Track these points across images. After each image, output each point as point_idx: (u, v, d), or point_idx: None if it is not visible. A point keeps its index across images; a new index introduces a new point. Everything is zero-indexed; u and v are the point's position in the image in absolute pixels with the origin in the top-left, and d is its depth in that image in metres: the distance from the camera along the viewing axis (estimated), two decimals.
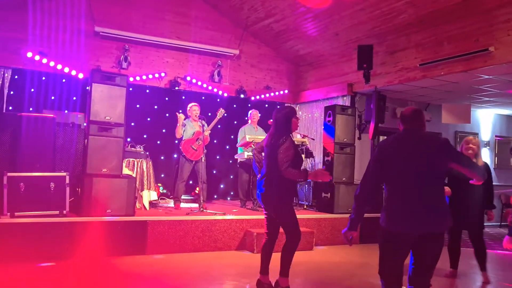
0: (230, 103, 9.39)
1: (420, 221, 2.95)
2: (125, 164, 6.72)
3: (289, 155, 4.00)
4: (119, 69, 8.09)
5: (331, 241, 7.10)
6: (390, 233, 3.03)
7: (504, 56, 6.24)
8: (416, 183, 3.00)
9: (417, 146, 3.09)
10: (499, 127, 11.16)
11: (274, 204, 4.15)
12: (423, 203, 2.97)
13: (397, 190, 3.07)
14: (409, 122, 3.20)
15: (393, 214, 3.04)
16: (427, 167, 3.02)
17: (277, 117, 4.23)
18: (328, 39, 8.57)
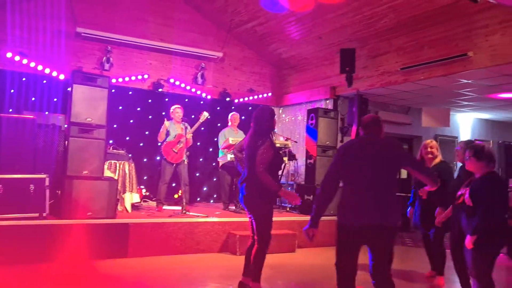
0: (213, 106, 9.38)
1: (366, 214, 3.17)
2: (106, 166, 6.65)
3: (267, 157, 3.99)
4: (101, 70, 8.02)
5: (313, 243, 7.11)
6: (341, 226, 3.29)
7: (483, 61, 6.38)
8: (368, 182, 3.24)
9: (373, 149, 3.34)
10: (478, 131, 11.38)
11: (255, 205, 4.12)
12: (372, 199, 3.20)
13: (351, 188, 3.31)
14: (367, 128, 3.46)
15: (344, 208, 3.29)
16: (380, 168, 3.25)
17: (256, 118, 4.21)
18: (311, 43, 8.64)
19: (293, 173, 9.30)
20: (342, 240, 3.29)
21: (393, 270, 3.27)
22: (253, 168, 4.06)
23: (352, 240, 3.24)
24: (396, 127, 9.87)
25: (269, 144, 4.07)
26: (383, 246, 3.23)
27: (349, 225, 3.23)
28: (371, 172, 3.26)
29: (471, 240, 3.55)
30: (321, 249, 6.90)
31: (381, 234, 3.19)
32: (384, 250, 3.24)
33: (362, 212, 3.20)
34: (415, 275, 5.67)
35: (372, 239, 3.21)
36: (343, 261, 3.28)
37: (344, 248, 3.29)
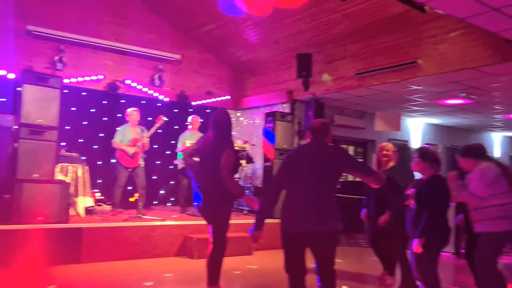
0: (171, 108, 9.28)
1: (305, 221, 3.24)
2: (58, 169, 6.45)
3: (231, 160, 3.99)
4: (53, 70, 7.76)
5: (270, 246, 7.16)
6: (283, 231, 3.32)
7: (431, 68, 6.68)
8: (309, 188, 3.28)
9: (317, 156, 3.37)
10: (428, 135, 11.87)
11: (215, 209, 4.08)
12: (312, 205, 3.25)
13: (293, 194, 3.33)
14: (315, 133, 3.50)
15: (286, 214, 3.33)
16: (321, 174, 3.31)
17: (217, 121, 4.14)
18: (269, 47, 8.74)
19: (251, 176, 9.35)
20: (286, 245, 3.34)
21: (347, 272, 3.36)
22: (214, 172, 4.00)
23: (295, 245, 3.31)
24: (351, 131, 10.13)
25: (233, 148, 4.09)
26: (325, 250, 3.32)
27: (291, 231, 3.29)
28: (313, 178, 3.30)
29: (419, 243, 3.66)
30: (278, 251, 6.96)
31: (321, 240, 3.27)
32: (326, 254, 3.32)
33: (302, 219, 3.26)
34: (368, 276, 5.83)
35: (313, 245, 3.30)
36: (290, 264, 3.34)
37: (289, 253, 3.34)
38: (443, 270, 5.41)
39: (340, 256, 6.29)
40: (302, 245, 3.31)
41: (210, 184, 4.07)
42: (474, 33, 6.08)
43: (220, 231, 4.10)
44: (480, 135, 13.10)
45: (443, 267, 6.63)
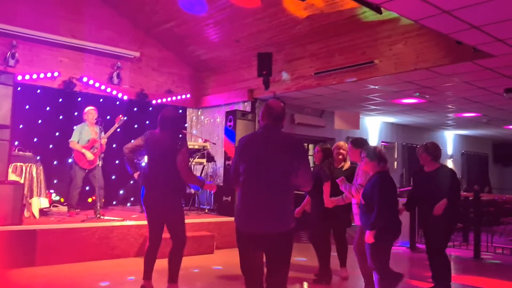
0: (130, 107, 9.12)
1: (253, 221, 2.96)
2: (11, 169, 6.21)
3: (188, 157, 4.08)
4: (5, 66, 7.45)
5: (232, 244, 7.17)
6: (236, 229, 3.07)
7: (387, 68, 6.88)
8: (260, 182, 2.98)
9: (267, 144, 3.05)
10: (385, 133, 12.22)
11: (171, 206, 4.08)
12: (261, 203, 2.95)
13: (243, 190, 3.05)
14: (273, 118, 3.11)
15: (238, 212, 3.06)
16: (272, 166, 2.98)
17: (166, 118, 4.14)
18: (229, 46, 8.74)
19: (212, 174, 9.32)
20: (238, 244, 3.07)
21: (305, 266, 3.37)
22: (168, 171, 4.01)
23: (247, 245, 3.03)
24: (311, 129, 10.29)
25: (187, 146, 4.10)
26: (275, 252, 2.98)
27: (241, 231, 3.04)
28: (263, 172, 2.98)
29: (370, 234, 3.84)
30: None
31: (271, 243, 2.95)
32: (277, 256, 2.98)
33: (250, 218, 2.98)
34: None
35: (264, 246, 2.98)
36: (244, 265, 3.08)
37: (242, 252, 3.07)
38: (400, 263, 5.60)
39: (303, 253, 6.42)
40: (254, 245, 3.01)
41: (165, 183, 4.04)
42: (427, 34, 6.31)
43: (180, 229, 4.11)
44: (434, 133, 13.62)
45: (400, 261, 6.88)
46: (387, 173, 4.05)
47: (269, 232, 2.93)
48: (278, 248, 2.97)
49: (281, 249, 2.98)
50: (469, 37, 5.26)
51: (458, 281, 5.58)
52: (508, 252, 7.24)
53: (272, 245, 2.96)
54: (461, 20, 4.71)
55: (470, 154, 15.15)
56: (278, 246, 2.96)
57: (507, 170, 16.13)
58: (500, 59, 5.91)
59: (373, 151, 4.05)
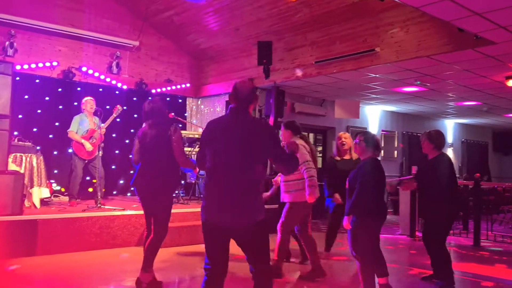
0: (129, 96, 9.08)
1: (222, 214, 2.75)
2: (11, 159, 6.20)
3: (182, 143, 4.13)
4: (3, 56, 7.42)
5: None
6: (202, 221, 2.86)
7: (389, 56, 6.84)
8: (226, 171, 2.77)
9: (234, 129, 2.83)
10: (385, 122, 12.18)
11: (159, 197, 4.10)
12: (228, 194, 2.75)
13: (209, 178, 2.85)
14: (239, 99, 2.89)
15: (204, 203, 2.85)
16: (239, 153, 2.76)
17: (153, 108, 4.22)
18: (229, 34, 8.68)
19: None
20: (204, 234, 2.84)
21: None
22: (159, 156, 4.07)
23: (212, 234, 2.82)
24: (311, 118, 10.26)
25: (180, 132, 4.16)
26: (246, 244, 2.83)
27: (205, 221, 2.82)
28: (228, 160, 2.76)
29: (347, 220, 3.87)
30: None
31: (240, 235, 2.80)
32: (250, 248, 2.84)
33: (216, 209, 2.78)
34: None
35: (233, 238, 2.82)
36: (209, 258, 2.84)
37: (210, 245, 2.83)
38: (399, 251, 5.62)
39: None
40: (220, 236, 2.80)
41: (156, 173, 4.07)
42: (429, 22, 6.26)
43: (164, 220, 4.15)
44: (434, 121, 13.59)
45: (399, 249, 6.90)
46: (376, 159, 4.08)
47: (235, 226, 2.75)
48: (248, 241, 2.82)
49: (252, 241, 2.82)
50: (471, 24, 5.22)
51: (458, 268, 5.60)
52: (508, 239, 7.26)
53: (241, 238, 2.81)
54: (464, 7, 4.67)
55: (470, 142, 15.13)
56: (247, 239, 2.80)
57: (507, 158, 16.13)
58: (501, 46, 5.87)
59: (371, 138, 4.08)
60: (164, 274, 4.63)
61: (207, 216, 2.81)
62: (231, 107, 2.91)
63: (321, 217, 10.35)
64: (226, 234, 2.80)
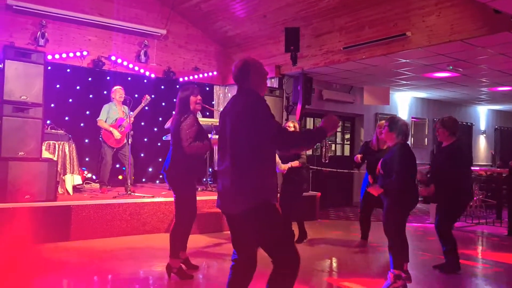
0: (157, 85, 9.17)
1: (222, 201, 2.77)
2: (45, 147, 6.36)
3: (191, 131, 4.11)
4: (35, 46, 7.56)
5: None
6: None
7: (420, 41, 6.65)
8: (223, 156, 2.75)
9: (229, 112, 2.77)
10: (415, 109, 11.93)
11: (175, 181, 4.25)
12: (224, 179, 2.72)
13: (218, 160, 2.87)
14: (236, 80, 2.83)
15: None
16: (232, 137, 2.69)
17: (178, 97, 4.33)
18: (256, 21, 8.61)
19: None
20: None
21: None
22: (175, 145, 4.20)
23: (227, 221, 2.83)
24: (339, 105, 10.14)
25: (193, 121, 4.18)
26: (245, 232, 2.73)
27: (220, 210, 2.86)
28: (225, 145, 2.74)
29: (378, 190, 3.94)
30: None
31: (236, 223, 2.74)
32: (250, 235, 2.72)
33: (219, 196, 2.81)
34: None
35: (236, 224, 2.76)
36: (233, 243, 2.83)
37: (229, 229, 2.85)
38: (427, 239, 5.51)
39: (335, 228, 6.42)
40: (231, 225, 2.80)
41: (175, 158, 4.23)
42: (462, 5, 6.04)
43: (181, 207, 4.23)
44: (466, 108, 13.23)
45: (426, 237, 6.77)
46: (405, 144, 4.01)
47: (231, 213, 2.72)
48: (246, 228, 2.70)
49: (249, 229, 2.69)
50: (508, 5, 5.01)
51: (491, 258, 5.48)
52: None
53: (240, 225, 2.73)
54: None
55: (504, 129, 14.67)
56: (245, 226, 2.69)
57: None
58: None
59: (397, 123, 4.00)
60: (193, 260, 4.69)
61: (217, 204, 2.84)
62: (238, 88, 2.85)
63: (349, 205, 10.29)
64: (232, 221, 2.77)
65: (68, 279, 4.25)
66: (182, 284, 4.15)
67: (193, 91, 4.32)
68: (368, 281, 4.34)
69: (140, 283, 4.27)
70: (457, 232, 7.31)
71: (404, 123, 4.06)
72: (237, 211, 2.67)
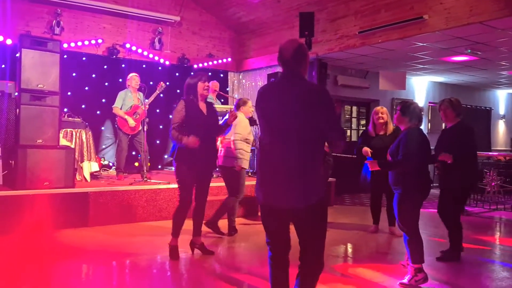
0: (172, 72, 9.19)
1: (273, 193, 2.54)
2: (62, 134, 6.45)
3: (177, 117, 4.25)
4: (51, 35, 7.64)
5: None
6: (259, 203, 2.71)
7: (437, 24, 6.51)
8: (276, 146, 2.52)
9: (281, 96, 2.53)
10: (432, 93, 11.74)
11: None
12: (282, 171, 2.49)
13: (262, 152, 2.62)
14: (284, 63, 2.59)
15: (257, 182, 2.65)
16: (289, 124, 2.48)
17: (185, 83, 4.48)
18: (270, 6, 8.53)
19: (255, 138, 9.33)
20: (262, 217, 2.71)
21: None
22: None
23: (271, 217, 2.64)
24: (355, 91, 10.03)
25: (182, 107, 4.29)
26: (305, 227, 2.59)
27: (261, 203, 2.64)
28: (281, 128, 2.50)
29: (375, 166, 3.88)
30: None
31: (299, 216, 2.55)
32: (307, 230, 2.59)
33: (270, 189, 2.55)
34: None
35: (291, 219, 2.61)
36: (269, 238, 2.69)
37: (265, 226, 2.69)
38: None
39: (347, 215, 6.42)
40: (279, 219, 2.61)
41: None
42: None
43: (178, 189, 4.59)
44: (485, 92, 12.97)
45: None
46: (418, 129, 3.89)
47: (294, 207, 2.51)
48: (307, 223, 2.56)
49: (311, 223, 2.56)
50: None
51: (509, 244, 5.41)
52: None
53: (300, 220, 2.57)
54: None
55: None
56: (307, 221, 2.55)
57: None
58: None
59: (409, 107, 3.91)
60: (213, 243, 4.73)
61: (263, 198, 2.59)
62: (281, 73, 2.67)
63: (365, 192, 10.24)
64: (284, 216, 2.59)
65: (87, 264, 4.34)
66: (197, 269, 4.21)
67: (201, 78, 4.42)
68: (383, 267, 4.33)
69: (158, 267, 4.33)
70: (475, 218, 7.26)
71: (417, 106, 3.95)
72: (304, 204, 2.48)
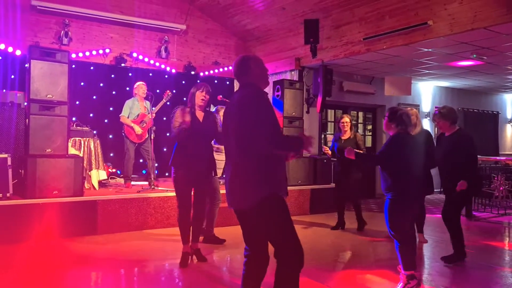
0: (178, 80, 9.26)
1: (227, 198, 2.81)
2: (71, 143, 6.52)
3: (173, 122, 4.55)
4: (59, 45, 7.75)
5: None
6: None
7: (442, 29, 6.54)
8: (227, 153, 2.82)
9: (228, 108, 2.82)
10: (439, 98, 11.72)
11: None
12: (228, 177, 2.76)
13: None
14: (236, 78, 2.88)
15: None
16: (230, 134, 2.73)
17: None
18: (275, 14, 8.59)
19: None
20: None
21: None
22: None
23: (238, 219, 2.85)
24: (360, 96, 10.05)
25: (179, 113, 4.55)
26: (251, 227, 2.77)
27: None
28: (227, 142, 2.83)
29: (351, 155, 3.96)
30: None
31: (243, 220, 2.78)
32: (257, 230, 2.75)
33: (227, 192, 2.81)
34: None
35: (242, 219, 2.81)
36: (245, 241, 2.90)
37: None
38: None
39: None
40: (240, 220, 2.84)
41: None
42: None
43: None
44: (491, 96, 12.93)
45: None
46: (404, 135, 3.86)
47: (241, 208, 2.74)
48: (251, 224, 2.74)
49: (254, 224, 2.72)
50: None
51: None
52: None
53: (250, 220, 2.74)
54: None
55: None
56: (254, 221, 2.71)
57: None
58: None
59: (395, 113, 3.93)
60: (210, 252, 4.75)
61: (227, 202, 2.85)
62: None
63: (372, 197, 10.23)
64: (241, 217, 2.78)
65: (96, 272, 4.38)
66: (199, 275, 4.23)
67: (199, 87, 4.66)
68: (388, 274, 4.33)
69: (166, 275, 4.37)
70: (483, 223, 7.23)
71: (404, 113, 3.95)
72: (246, 206, 2.69)
